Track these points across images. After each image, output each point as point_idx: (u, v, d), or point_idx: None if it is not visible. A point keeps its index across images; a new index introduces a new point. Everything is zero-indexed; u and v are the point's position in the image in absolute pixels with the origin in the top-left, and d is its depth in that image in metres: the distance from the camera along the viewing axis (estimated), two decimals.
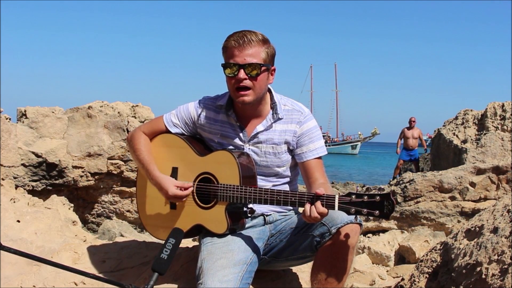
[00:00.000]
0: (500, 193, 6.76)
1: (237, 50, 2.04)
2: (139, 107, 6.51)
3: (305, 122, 2.21)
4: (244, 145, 2.20)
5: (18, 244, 2.75)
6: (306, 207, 1.87)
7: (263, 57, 2.07)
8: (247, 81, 2.05)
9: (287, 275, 2.40)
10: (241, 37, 2.04)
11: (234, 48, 2.04)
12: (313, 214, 1.84)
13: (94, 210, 6.36)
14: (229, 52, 2.06)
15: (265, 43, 2.09)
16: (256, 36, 2.06)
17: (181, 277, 2.28)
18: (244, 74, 2.04)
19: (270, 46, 2.12)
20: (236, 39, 2.04)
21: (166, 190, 2.13)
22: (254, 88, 2.07)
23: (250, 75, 2.05)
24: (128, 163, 6.14)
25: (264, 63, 2.07)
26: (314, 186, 2.10)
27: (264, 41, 2.09)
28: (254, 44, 2.05)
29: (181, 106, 2.32)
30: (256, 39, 2.06)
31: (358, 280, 4.46)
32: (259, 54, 2.06)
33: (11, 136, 5.44)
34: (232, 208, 2.10)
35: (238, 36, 2.05)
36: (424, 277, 2.43)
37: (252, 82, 2.06)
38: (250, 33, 2.07)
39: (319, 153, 2.20)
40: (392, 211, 1.81)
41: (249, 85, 2.06)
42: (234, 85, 2.07)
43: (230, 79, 2.08)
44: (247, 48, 2.04)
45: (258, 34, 2.09)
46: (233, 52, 2.05)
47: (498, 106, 8.94)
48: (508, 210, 2.15)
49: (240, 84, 2.06)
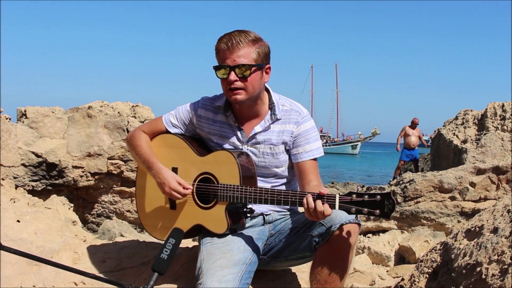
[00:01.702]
0: (500, 193, 6.76)
1: (227, 52, 2.04)
2: (139, 107, 6.51)
3: (303, 123, 2.21)
4: (242, 145, 2.20)
5: (18, 244, 2.75)
6: (309, 200, 1.86)
7: (254, 57, 2.07)
8: (238, 82, 2.06)
9: (286, 275, 2.40)
10: (230, 39, 2.04)
11: (224, 51, 2.05)
12: (319, 208, 1.83)
13: (94, 210, 6.36)
14: (220, 54, 2.07)
15: (256, 43, 2.08)
16: (246, 37, 2.06)
17: (181, 277, 2.28)
18: (234, 75, 2.04)
19: (263, 44, 2.11)
20: (225, 41, 2.05)
21: (167, 183, 2.12)
22: (246, 88, 2.08)
23: (240, 76, 2.05)
24: (128, 163, 6.13)
25: (255, 63, 2.07)
26: (307, 188, 2.11)
27: (254, 40, 2.08)
28: (244, 45, 2.04)
29: (179, 107, 2.32)
30: (245, 40, 2.05)
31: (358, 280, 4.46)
32: (250, 55, 2.06)
33: (11, 136, 5.44)
34: (232, 208, 2.10)
35: (228, 38, 2.05)
36: (424, 277, 2.42)
37: (244, 83, 2.06)
38: (240, 34, 2.06)
39: (314, 154, 2.20)
40: (392, 210, 1.80)
41: (241, 86, 2.07)
42: (227, 87, 2.09)
43: (223, 81, 2.09)
44: (236, 50, 2.04)
45: (249, 34, 2.08)
46: (224, 54, 2.06)
47: (498, 106, 8.93)
48: (508, 210, 2.15)
49: (231, 86, 2.06)
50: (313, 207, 1.85)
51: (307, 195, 1.88)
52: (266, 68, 2.15)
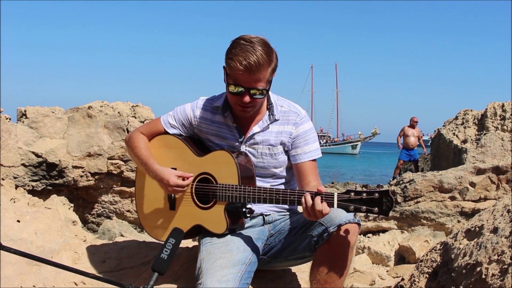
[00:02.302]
0: (500, 193, 6.76)
1: (246, 74, 1.97)
2: (139, 107, 6.51)
3: (301, 124, 2.21)
4: (241, 146, 2.20)
5: (18, 244, 2.75)
6: (307, 198, 1.86)
7: (269, 78, 2.05)
8: (250, 102, 2.05)
9: (286, 275, 2.40)
10: (250, 60, 1.93)
11: (243, 72, 1.96)
12: (317, 206, 1.83)
13: (94, 210, 6.36)
14: (236, 74, 1.98)
15: (270, 60, 2.00)
16: (263, 56, 1.96)
17: (181, 277, 2.28)
18: (249, 98, 2.02)
19: (274, 58, 2.03)
20: (245, 62, 1.94)
21: (167, 180, 2.12)
22: (255, 105, 2.09)
23: (254, 97, 2.04)
24: (128, 163, 6.13)
25: (269, 84, 2.06)
26: (306, 188, 2.10)
27: (269, 58, 1.99)
28: (262, 68, 1.97)
29: (177, 108, 2.32)
30: (264, 61, 1.96)
31: (358, 280, 4.46)
32: (265, 77, 2.01)
33: (11, 136, 5.44)
34: (232, 208, 2.10)
35: (246, 57, 1.94)
36: (424, 277, 2.42)
37: (255, 102, 2.06)
38: (255, 51, 1.95)
39: (313, 155, 2.20)
40: (391, 208, 1.80)
41: (251, 104, 2.06)
42: (237, 102, 2.07)
43: (232, 95, 2.06)
44: (255, 73, 1.97)
45: (265, 50, 1.98)
46: (241, 76, 1.98)
47: (498, 106, 8.93)
48: (508, 210, 2.15)
49: (243, 105, 2.05)
50: (311, 204, 1.85)
51: (305, 193, 1.88)
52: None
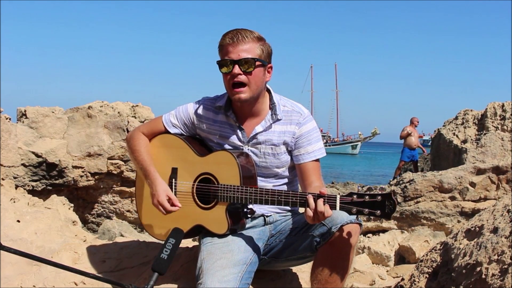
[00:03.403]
0: (500, 193, 6.75)
1: (232, 47, 2.06)
2: (139, 107, 6.51)
3: (304, 124, 2.20)
4: (243, 145, 2.20)
5: (18, 244, 2.75)
6: (310, 200, 1.86)
7: (258, 53, 2.08)
8: (242, 76, 2.06)
9: (287, 275, 2.39)
10: (236, 34, 2.07)
11: (229, 45, 2.06)
12: (320, 209, 1.83)
13: (94, 210, 6.36)
14: (224, 49, 2.08)
15: (260, 40, 2.11)
16: (251, 34, 2.09)
17: (181, 277, 2.28)
18: (238, 69, 2.05)
19: (266, 44, 2.14)
20: (230, 36, 2.07)
21: (157, 195, 2.13)
22: (249, 83, 2.07)
23: (245, 71, 2.05)
24: (128, 163, 6.13)
25: (259, 58, 2.07)
26: (309, 189, 2.10)
27: (259, 38, 2.11)
28: (249, 40, 2.07)
29: (180, 107, 2.31)
30: (250, 36, 2.08)
31: (358, 280, 4.46)
32: (254, 50, 2.07)
33: (11, 136, 5.44)
34: (233, 208, 2.09)
35: (233, 33, 2.07)
36: (424, 277, 2.42)
37: (247, 77, 2.06)
38: (245, 30, 2.10)
39: (316, 155, 2.20)
40: (393, 211, 1.80)
41: (244, 81, 2.06)
42: (230, 82, 2.08)
43: (226, 75, 2.09)
44: (241, 44, 2.05)
45: (254, 32, 2.12)
46: (228, 49, 2.06)
47: (498, 106, 8.92)
48: (508, 210, 2.15)
49: (235, 80, 2.06)
50: (314, 207, 1.84)
51: (307, 196, 1.88)
52: (268, 67, 2.15)
